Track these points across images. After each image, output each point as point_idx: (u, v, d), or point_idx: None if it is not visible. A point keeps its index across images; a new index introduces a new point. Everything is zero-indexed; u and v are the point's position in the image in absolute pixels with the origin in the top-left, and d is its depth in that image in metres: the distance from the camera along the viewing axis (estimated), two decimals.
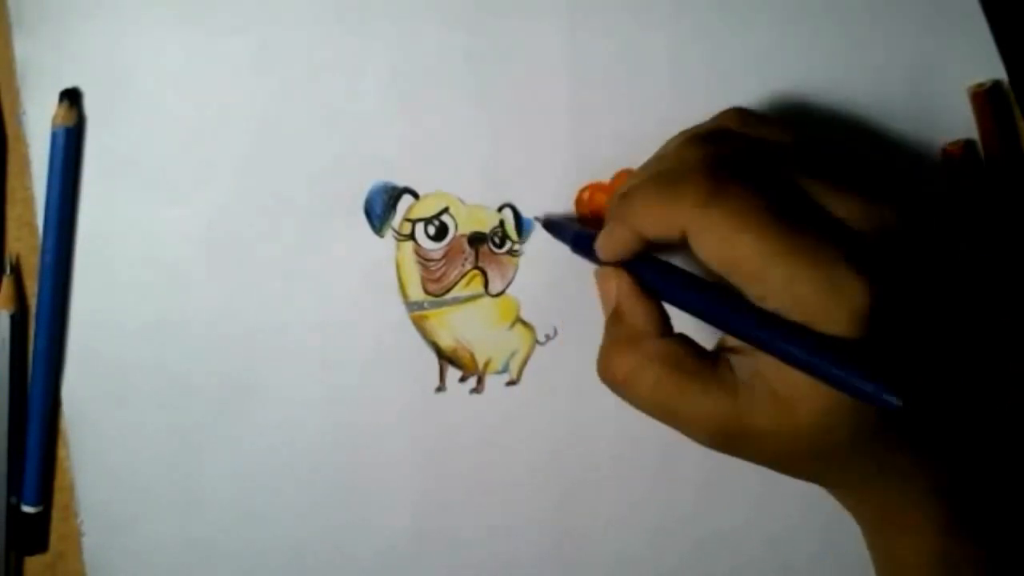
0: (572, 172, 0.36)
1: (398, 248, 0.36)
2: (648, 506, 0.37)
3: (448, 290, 0.36)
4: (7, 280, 0.36)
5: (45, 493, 0.37)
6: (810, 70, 0.36)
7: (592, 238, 0.31)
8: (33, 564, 0.37)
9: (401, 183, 0.36)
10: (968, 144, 0.36)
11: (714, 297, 0.27)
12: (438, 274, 0.36)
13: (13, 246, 0.37)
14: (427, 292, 0.36)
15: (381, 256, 0.36)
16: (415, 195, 0.36)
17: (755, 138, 0.29)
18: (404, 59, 0.36)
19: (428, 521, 0.37)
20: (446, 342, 0.37)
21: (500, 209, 0.36)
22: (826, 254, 0.25)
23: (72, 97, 0.35)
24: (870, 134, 0.36)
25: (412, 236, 0.36)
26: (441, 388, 0.37)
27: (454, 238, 0.36)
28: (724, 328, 0.27)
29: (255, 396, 0.36)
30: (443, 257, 0.36)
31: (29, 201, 0.36)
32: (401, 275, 0.36)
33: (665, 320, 0.29)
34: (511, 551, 0.37)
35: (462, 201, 0.36)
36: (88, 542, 0.37)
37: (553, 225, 0.35)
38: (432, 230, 0.36)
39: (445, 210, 0.36)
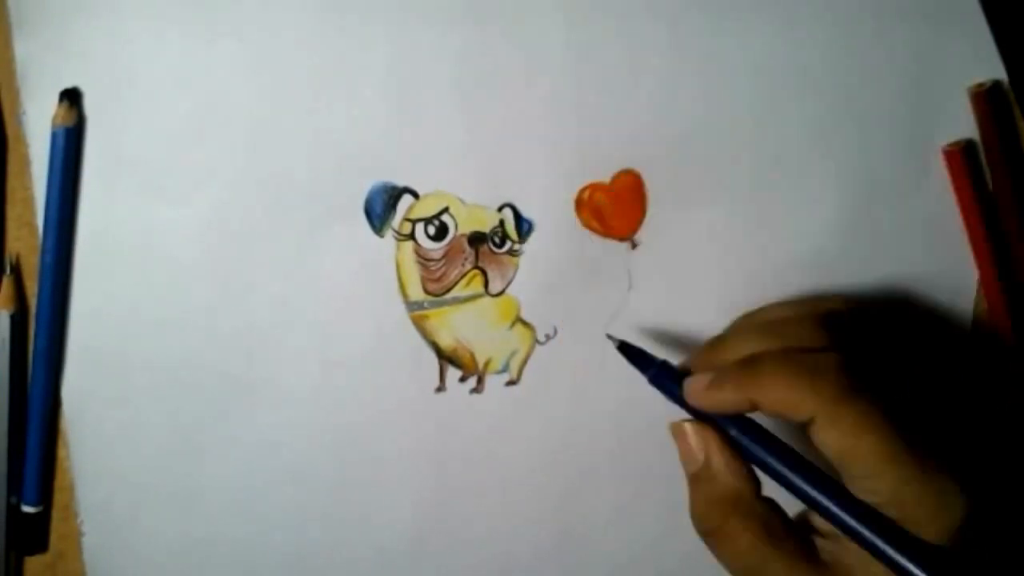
0: (572, 172, 0.36)
1: (398, 248, 0.36)
2: (648, 506, 0.37)
3: (448, 290, 0.36)
4: (7, 280, 0.36)
5: (45, 493, 0.37)
6: (810, 70, 0.36)
7: (677, 375, 0.31)
8: (33, 564, 0.37)
9: (401, 183, 0.36)
10: (968, 144, 0.36)
11: (810, 475, 0.28)
12: (438, 274, 0.36)
13: (13, 246, 0.37)
14: (427, 292, 0.36)
15: (381, 256, 0.36)
16: (415, 195, 0.36)
17: (870, 332, 0.31)
18: (404, 59, 0.36)
19: (428, 520, 0.37)
20: (446, 342, 0.37)
21: (500, 209, 0.36)
22: (938, 466, 0.26)
23: (72, 97, 0.35)
24: (870, 134, 0.36)
25: (412, 236, 0.36)
26: (441, 388, 0.37)
27: (454, 238, 0.36)
28: (814, 506, 0.28)
29: (255, 396, 0.36)
30: (443, 257, 0.36)
31: (29, 201, 0.36)
32: (401, 275, 0.36)
33: (757, 479, 0.30)
34: (511, 551, 0.37)
35: (462, 201, 0.36)
36: (88, 542, 0.37)
37: (630, 350, 0.33)
38: (432, 230, 0.36)
39: (445, 210, 0.36)
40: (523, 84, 0.36)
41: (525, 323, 0.37)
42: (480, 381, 0.37)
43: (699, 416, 0.30)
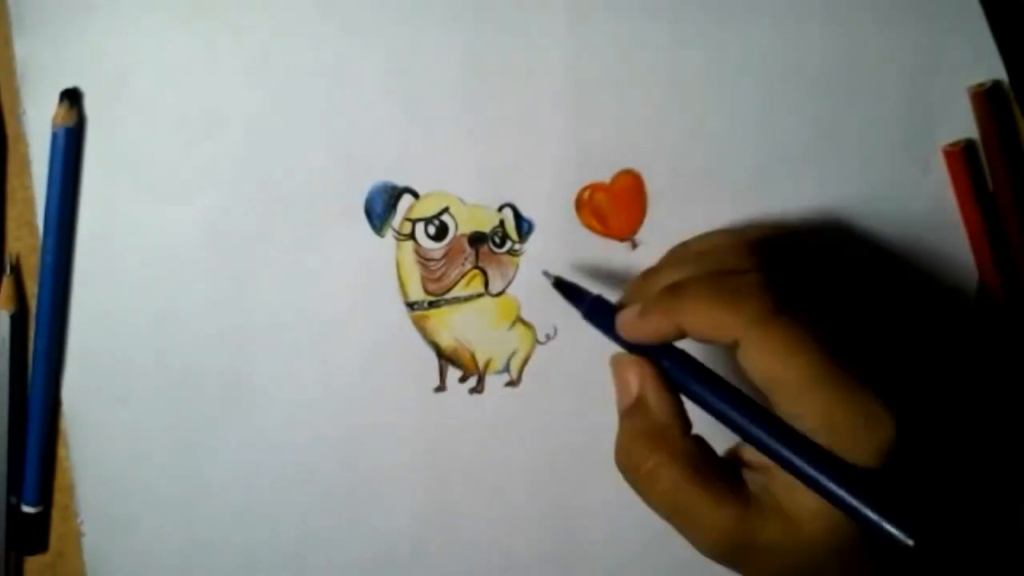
0: (572, 172, 0.36)
1: (398, 248, 0.36)
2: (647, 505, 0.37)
3: (448, 290, 0.36)
4: (7, 280, 0.36)
5: (45, 493, 0.37)
6: (810, 70, 0.36)
7: (611, 309, 0.31)
8: (33, 564, 0.37)
9: (401, 183, 0.36)
10: (968, 145, 0.36)
11: (740, 404, 0.27)
12: (438, 274, 0.36)
13: (13, 246, 0.37)
14: (427, 292, 0.36)
15: (381, 256, 0.36)
16: (415, 195, 0.36)
17: (803, 257, 0.30)
18: (404, 59, 0.36)
19: (428, 520, 0.37)
20: (446, 342, 0.37)
21: (500, 209, 0.36)
22: (864, 387, 0.26)
23: (72, 97, 0.35)
24: (870, 134, 0.36)
25: (412, 236, 0.36)
26: (441, 388, 0.37)
27: (454, 238, 0.36)
28: (746, 436, 0.27)
29: (255, 396, 0.36)
30: (443, 257, 0.36)
31: (29, 201, 0.36)
32: (401, 275, 0.36)
33: (686, 417, 0.29)
34: (511, 550, 0.37)
35: (462, 201, 0.36)
36: (88, 542, 0.37)
37: (565, 286, 0.33)
38: (432, 230, 0.36)
39: (445, 210, 0.36)
40: (523, 84, 0.36)
41: (525, 323, 0.37)
42: (480, 381, 0.37)
43: (635, 351, 0.30)
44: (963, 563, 0.28)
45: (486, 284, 0.37)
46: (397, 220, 0.36)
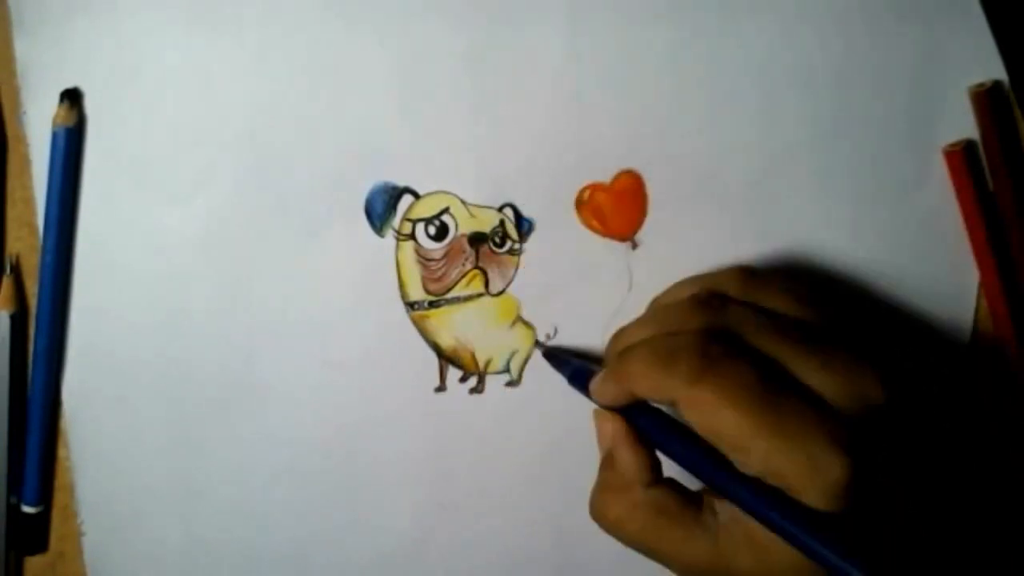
0: (572, 172, 0.36)
1: (398, 248, 0.36)
2: None
3: (448, 290, 0.36)
4: (7, 280, 0.36)
5: (45, 493, 0.37)
6: (810, 70, 0.36)
7: (589, 375, 0.32)
8: (33, 564, 0.37)
9: (401, 183, 0.36)
10: (968, 145, 0.36)
11: (702, 455, 0.28)
12: (438, 274, 0.36)
13: (13, 246, 0.37)
14: (427, 292, 0.36)
15: (381, 256, 0.36)
16: (415, 195, 0.36)
17: (750, 305, 0.30)
18: (404, 59, 0.36)
19: (428, 520, 0.37)
20: (446, 342, 0.37)
21: (500, 209, 0.36)
22: (805, 431, 0.26)
23: (73, 97, 0.35)
24: (870, 134, 0.36)
25: (412, 236, 0.36)
26: (441, 388, 0.37)
27: (454, 238, 0.36)
28: (710, 485, 0.29)
29: (255, 396, 0.36)
30: (443, 257, 0.36)
31: (29, 201, 0.36)
32: (401, 275, 0.36)
33: (655, 467, 0.30)
34: (511, 550, 0.37)
35: (463, 201, 0.36)
36: (88, 542, 0.37)
37: (553, 357, 0.36)
38: (432, 230, 0.36)
39: (445, 210, 0.36)
40: (524, 84, 0.36)
41: (525, 323, 0.37)
42: (480, 381, 0.37)
43: (614, 409, 0.31)
44: None
45: (486, 284, 0.37)
46: (397, 220, 0.36)
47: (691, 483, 0.30)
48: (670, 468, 0.30)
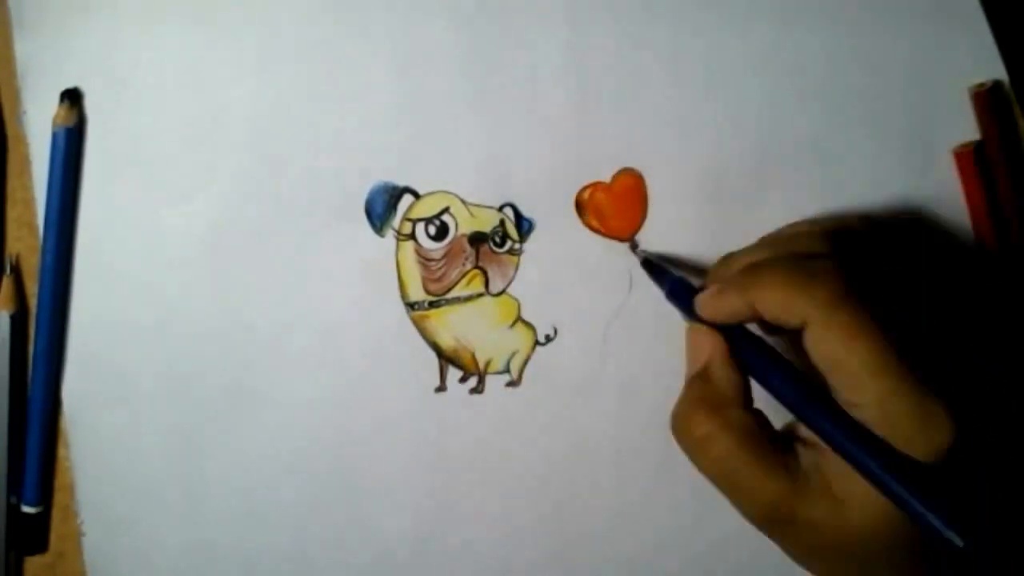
0: (572, 172, 0.36)
1: (399, 248, 0.36)
2: (649, 507, 0.37)
3: (449, 290, 0.36)
4: (7, 280, 0.36)
5: (45, 493, 0.36)
6: (810, 70, 0.36)
7: (691, 289, 0.31)
8: (33, 564, 0.37)
9: (402, 183, 0.36)
10: (979, 146, 0.36)
11: (803, 388, 0.28)
12: (439, 274, 0.36)
13: (13, 246, 0.37)
14: (428, 292, 0.36)
15: (382, 256, 0.36)
16: (416, 195, 0.36)
17: (877, 248, 0.30)
18: (405, 59, 0.36)
19: (428, 521, 0.37)
20: (447, 342, 0.37)
21: (501, 208, 0.36)
22: (925, 385, 0.26)
23: (73, 97, 0.35)
24: (871, 134, 0.36)
25: (413, 236, 0.36)
26: (441, 388, 0.37)
27: (455, 238, 0.36)
28: (804, 420, 0.28)
29: (255, 396, 0.36)
30: (444, 257, 0.36)
31: (29, 201, 0.36)
32: (402, 275, 0.36)
33: (749, 392, 0.30)
34: (511, 551, 0.37)
35: (463, 201, 0.36)
36: (88, 542, 0.36)
37: (652, 265, 0.35)
38: (433, 230, 0.36)
39: (446, 210, 0.36)
40: (524, 84, 0.36)
41: (526, 323, 0.37)
42: (480, 381, 0.37)
43: (716, 326, 0.31)
44: (1012, 571, 0.28)
45: (486, 284, 0.37)
46: (397, 220, 0.36)
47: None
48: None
